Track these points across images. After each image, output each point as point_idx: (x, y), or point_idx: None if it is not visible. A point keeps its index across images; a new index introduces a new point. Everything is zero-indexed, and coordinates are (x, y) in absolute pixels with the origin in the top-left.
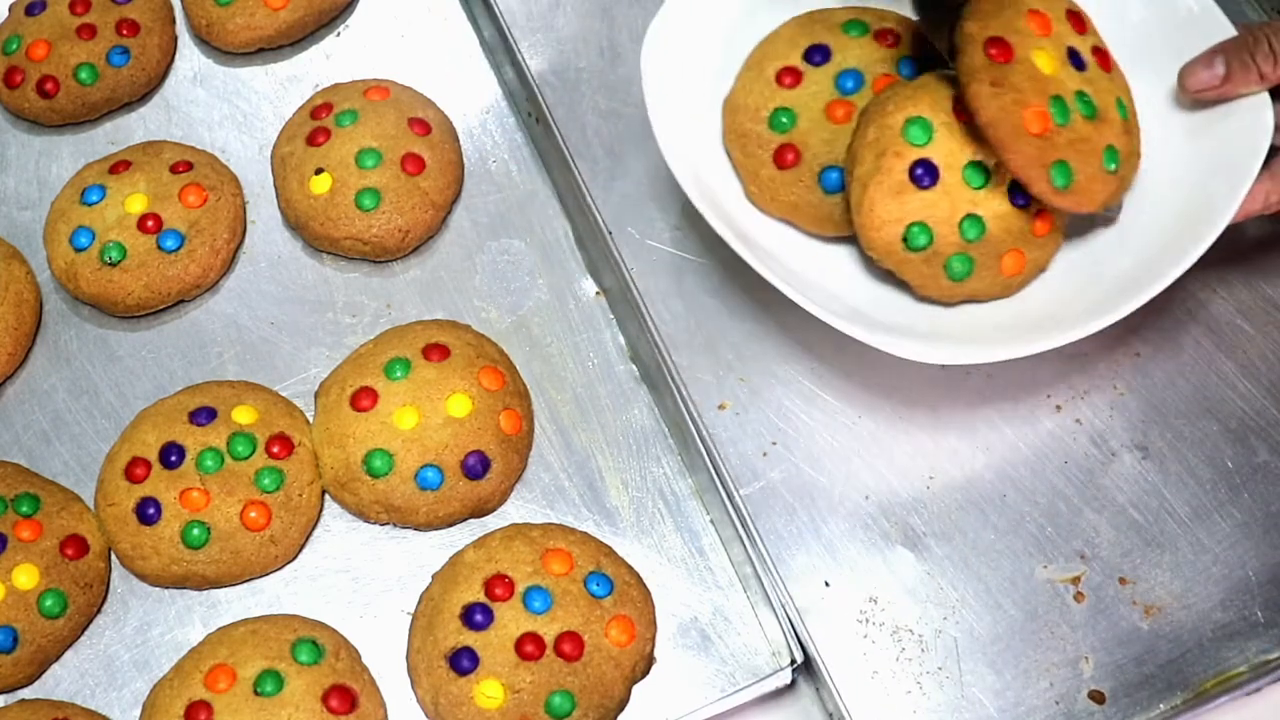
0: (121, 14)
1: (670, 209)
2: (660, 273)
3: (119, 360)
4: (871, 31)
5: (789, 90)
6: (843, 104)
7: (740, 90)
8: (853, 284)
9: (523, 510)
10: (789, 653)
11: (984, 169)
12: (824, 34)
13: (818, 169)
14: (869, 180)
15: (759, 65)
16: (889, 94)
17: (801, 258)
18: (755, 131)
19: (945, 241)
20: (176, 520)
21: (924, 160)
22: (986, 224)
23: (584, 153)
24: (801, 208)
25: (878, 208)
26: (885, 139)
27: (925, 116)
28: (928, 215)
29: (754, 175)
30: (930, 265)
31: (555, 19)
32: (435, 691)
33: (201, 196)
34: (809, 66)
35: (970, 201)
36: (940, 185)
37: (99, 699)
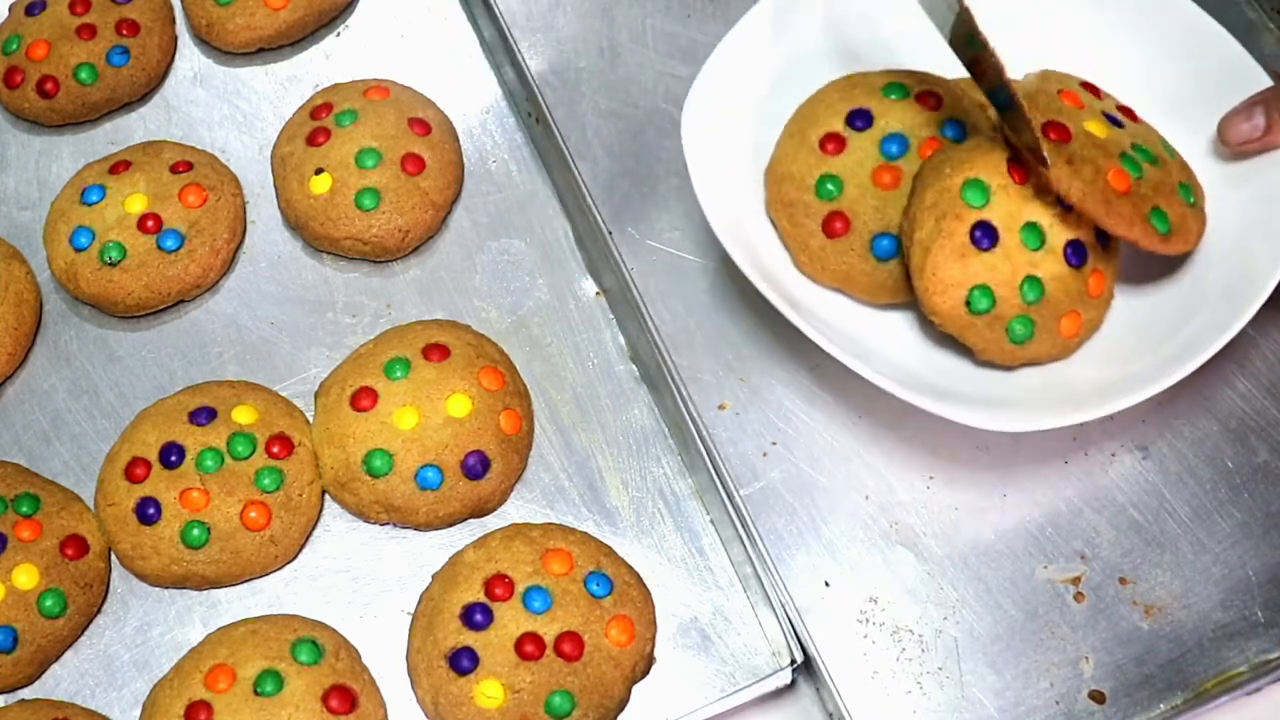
0: (121, 14)
1: (670, 209)
2: (660, 273)
3: (119, 360)
4: (912, 94)
5: (834, 157)
6: (889, 169)
7: (783, 158)
8: (910, 350)
9: (523, 510)
10: (789, 653)
11: (1040, 230)
12: (865, 98)
13: (869, 237)
14: (931, 244)
15: (801, 132)
16: (943, 157)
17: (856, 326)
18: (802, 200)
19: (1007, 304)
20: (176, 520)
21: (984, 222)
22: (1045, 285)
23: (584, 153)
24: (854, 276)
25: (941, 271)
26: (945, 202)
27: (982, 178)
28: (990, 278)
29: (803, 245)
30: (993, 329)
31: (555, 19)
32: (435, 691)
33: (201, 196)
34: (852, 132)
35: (1029, 263)
36: (1000, 247)
37: (99, 699)
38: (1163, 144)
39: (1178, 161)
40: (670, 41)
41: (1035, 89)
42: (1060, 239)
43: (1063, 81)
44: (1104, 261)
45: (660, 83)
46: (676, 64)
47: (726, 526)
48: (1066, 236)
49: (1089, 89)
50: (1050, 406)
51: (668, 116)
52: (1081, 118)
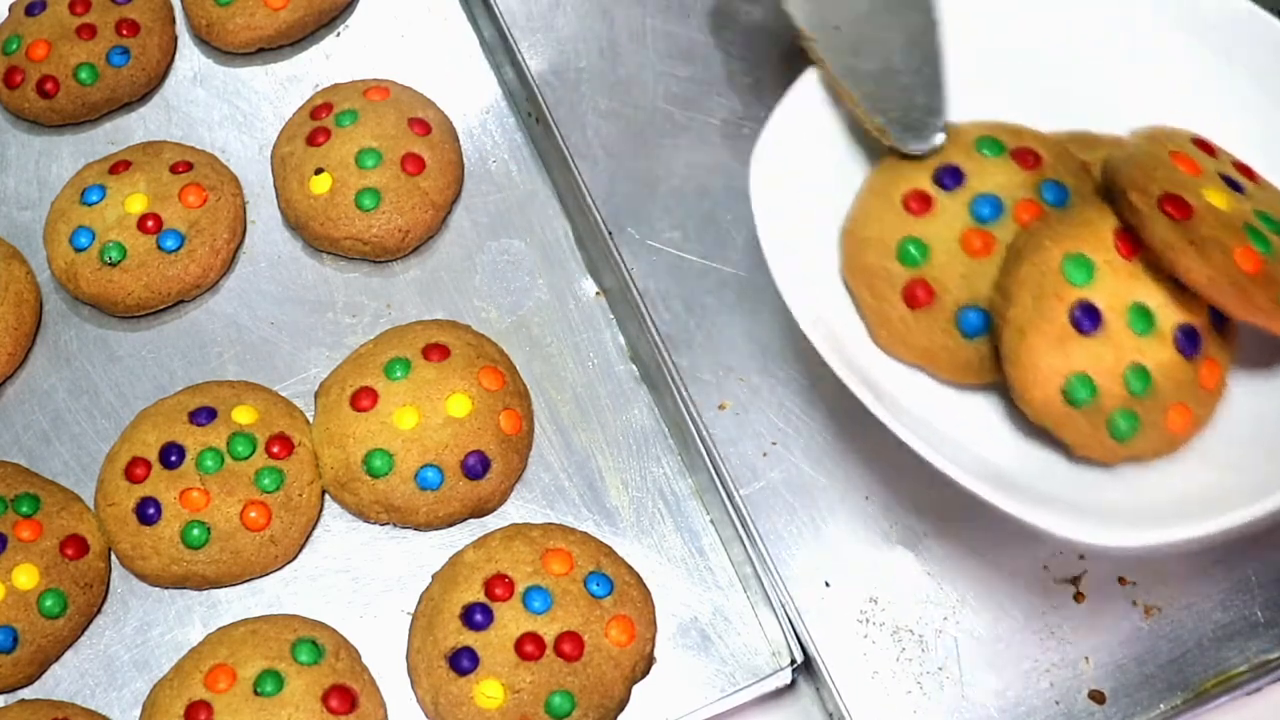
0: (121, 14)
1: (670, 209)
2: (660, 273)
3: (119, 360)
4: (1008, 150)
5: (919, 218)
6: (980, 234)
7: (863, 218)
8: (996, 438)
9: (523, 510)
10: (789, 653)
11: (1148, 312)
12: (955, 153)
13: (954, 310)
14: (1027, 326)
15: (883, 190)
16: (1044, 227)
17: (936, 408)
18: (883, 268)
19: (1109, 395)
20: (176, 520)
21: (1086, 303)
22: (1153, 375)
23: (584, 153)
24: (936, 353)
25: (1038, 358)
26: (1043, 278)
27: (1086, 253)
28: (1091, 366)
29: (883, 318)
30: (1092, 423)
31: (555, 19)
32: (435, 691)
33: (201, 196)
34: (940, 191)
35: (1135, 350)
36: (1104, 331)
37: (99, 699)
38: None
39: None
40: (670, 41)
41: (1146, 155)
42: (1171, 322)
43: (1174, 140)
44: (1219, 348)
45: (660, 83)
46: (677, 64)
47: (726, 526)
48: (1178, 319)
49: (1202, 147)
50: (1157, 517)
51: (668, 117)
52: (1200, 185)
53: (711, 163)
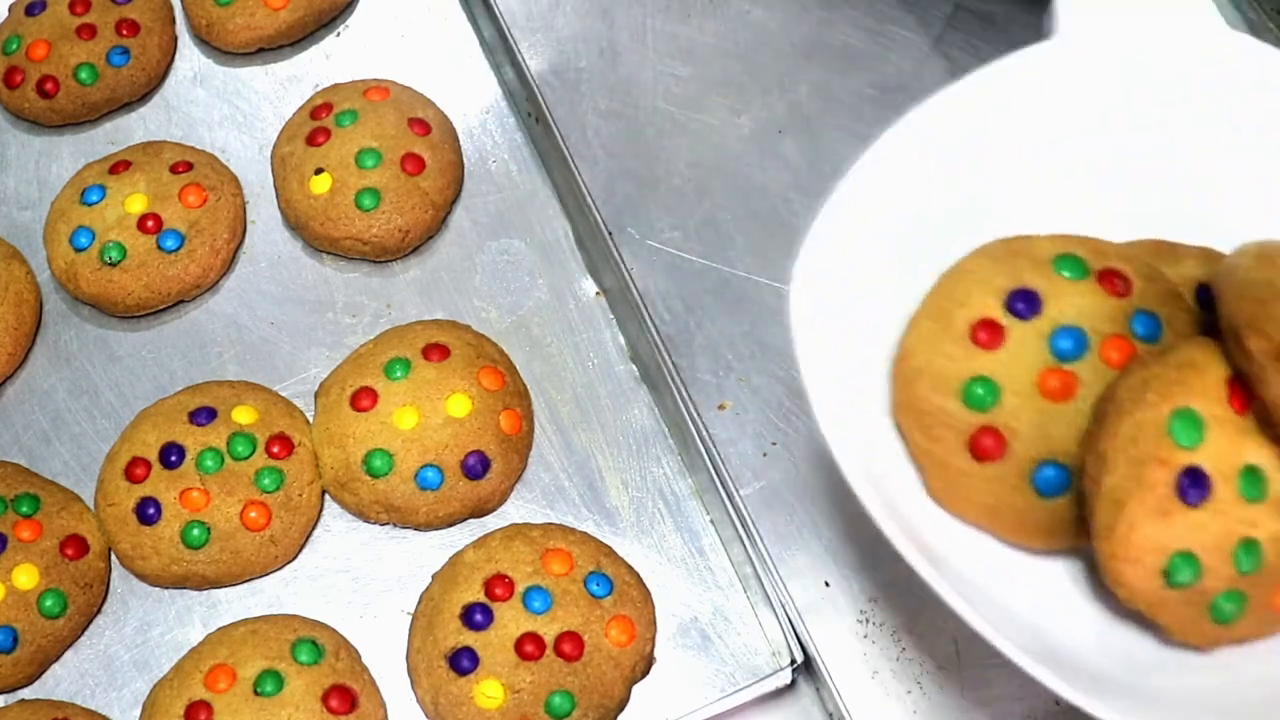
0: (121, 14)
1: (670, 209)
2: (660, 273)
3: (119, 360)
4: (1093, 272)
5: (988, 352)
6: (1059, 373)
7: (919, 347)
8: (1074, 615)
9: (523, 510)
10: (789, 653)
11: (1260, 476)
12: (1030, 273)
13: (1028, 463)
14: (1126, 497)
15: (944, 314)
16: (1146, 375)
17: (1003, 577)
18: (943, 409)
19: (1214, 575)
20: (176, 520)
21: (1194, 468)
22: (1264, 550)
23: (584, 153)
24: (1003, 512)
25: (1138, 533)
26: (1146, 441)
27: (1196, 408)
28: (1197, 542)
29: (941, 466)
30: (1191, 605)
31: (555, 19)
32: (435, 691)
33: (201, 196)
34: (1013, 319)
35: (1246, 521)
36: (1212, 501)
37: (99, 699)
38: None
39: None
40: (670, 42)
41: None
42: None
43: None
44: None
45: (660, 83)
46: (677, 64)
47: (726, 526)
48: None
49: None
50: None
51: (668, 117)
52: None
53: (711, 163)
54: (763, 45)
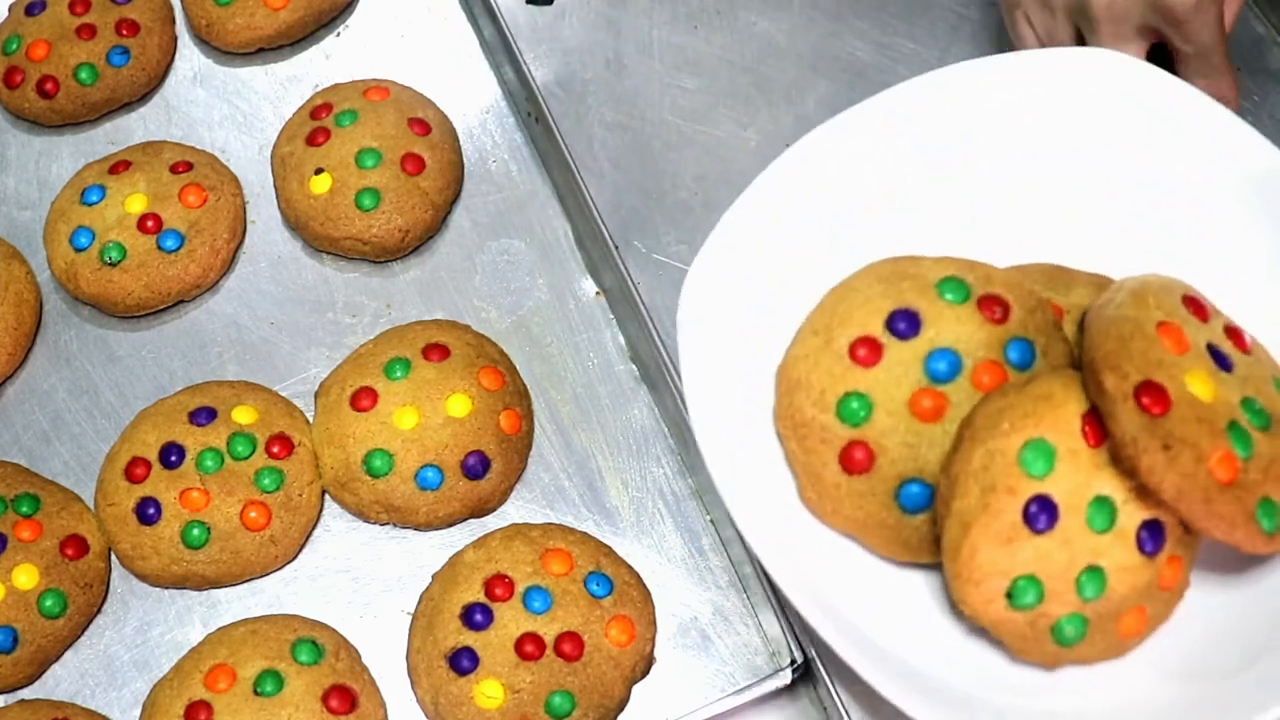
0: (121, 14)
1: (677, 222)
2: (667, 287)
3: (119, 360)
4: (974, 297)
5: (865, 369)
6: (931, 394)
7: (801, 361)
8: (927, 626)
9: (523, 510)
10: (789, 653)
11: (1110, 507)
12: (913, 295)
13: (895, 480)
14: (972, 520)
15: (827, 330)
16: (1003, 405)
17: (865, 586)
18: (819, 421)
19: (1057, 600)
20: (176, 520)
21: (1042, 497)
22: (1108, 578)
23: (590, 165)
24: (871, 526)
25: (980, 557)
26: (996, 469)
27: (1048, 439)
28: (1040, 568)
29: (815, 477)
30: (1034, 627)
31: (561, 30)
32: (435, 691)
33: (201, 196)
34: (892, 339)
35: (1092, 550)
36: (1059, 529)
37: (99, 699)
38: (1275, 383)
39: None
40: (677, 53)
41: (1129, 324)
42: (1134, 519)
43: (1163, 301)
44: (1183, 545)
45: (667, 95)
46: (683, 76)
47: (726, 526)
48: (1142, 516)
49: (1193, 306)
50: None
51: (674, 129)
52: (1184, 368)
53: (719, 176)
54: (770, 58)
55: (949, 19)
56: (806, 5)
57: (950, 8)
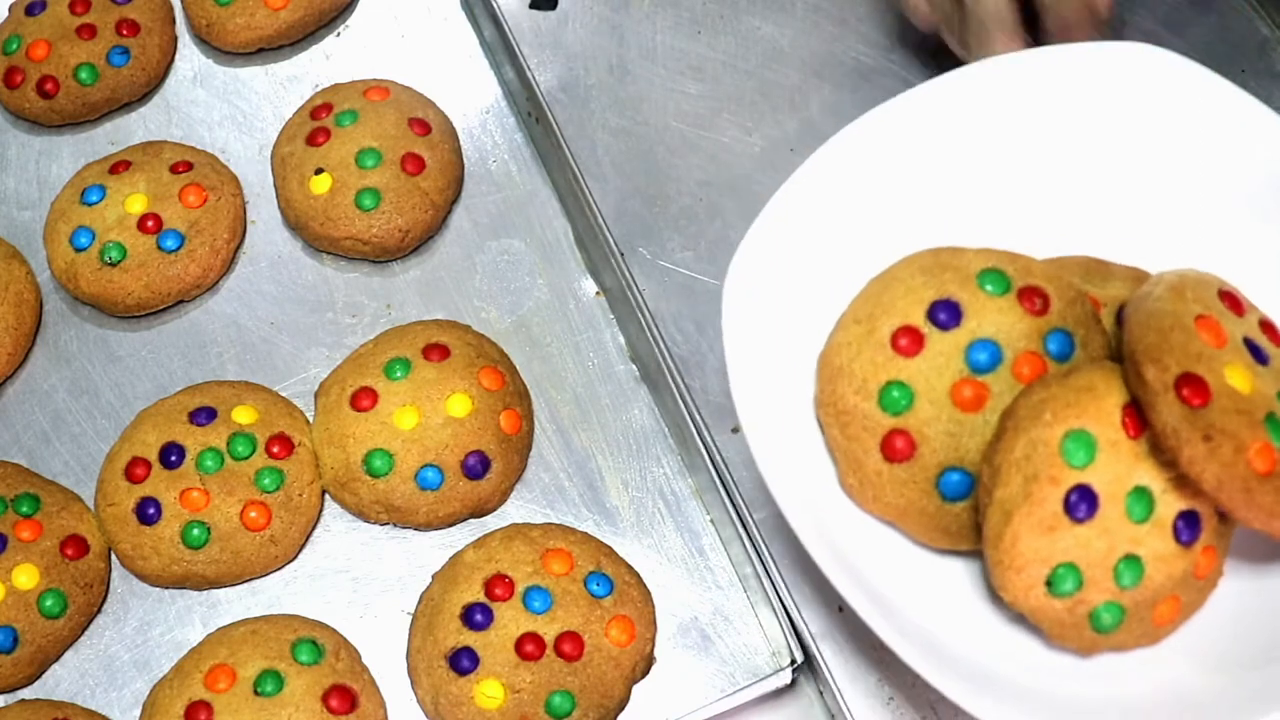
0: (121, 14)
1: (682, 229)
2: (673, 295)
3: (119, 360)
4: (1015, 289)
5: (907, 359)
6: (973, 384)
7: (844, 349)
8: (967, 612)
9: (523, 510)
10: (789, 653)
11: (1149, 497)
12: (954, 286)
13: (936, 469)
14: (1014, 509)
15: (869, 319)
16: (1045, 395)
17: (904, 572)
18: (861, 409)
19: (1096, 587)
20: (176, 520)
21: (1083, 487)
22: (1145, 567)
23: (594, 170)
24: (911, 513)
25: (1022, 544)
26: (1039, 458)
27: (1089, 430)
28: (1080, 556)
29: (855, 464)
30: (1073, 614)
31: (564, 35)
32: (435, 691)
33: (201, 196)
34: (933, 329)
35: (1131, 539)
36: (1099, 518)
37: (99, 699)
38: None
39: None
40: (681, 58)
41: (1168, 317)
42: (1172, 510)
43: (1200, 295)
44: (1218, 535)
45: (671, 100)
46: (687, 81)
47: (726, 526)
48: (1180, 507)
49: (1229, 300)
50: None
51: (679, 134)
52: (1223, 361)
53: (724, 182)
54: (774, 62)
55: None
56: (810, 9)
57: None
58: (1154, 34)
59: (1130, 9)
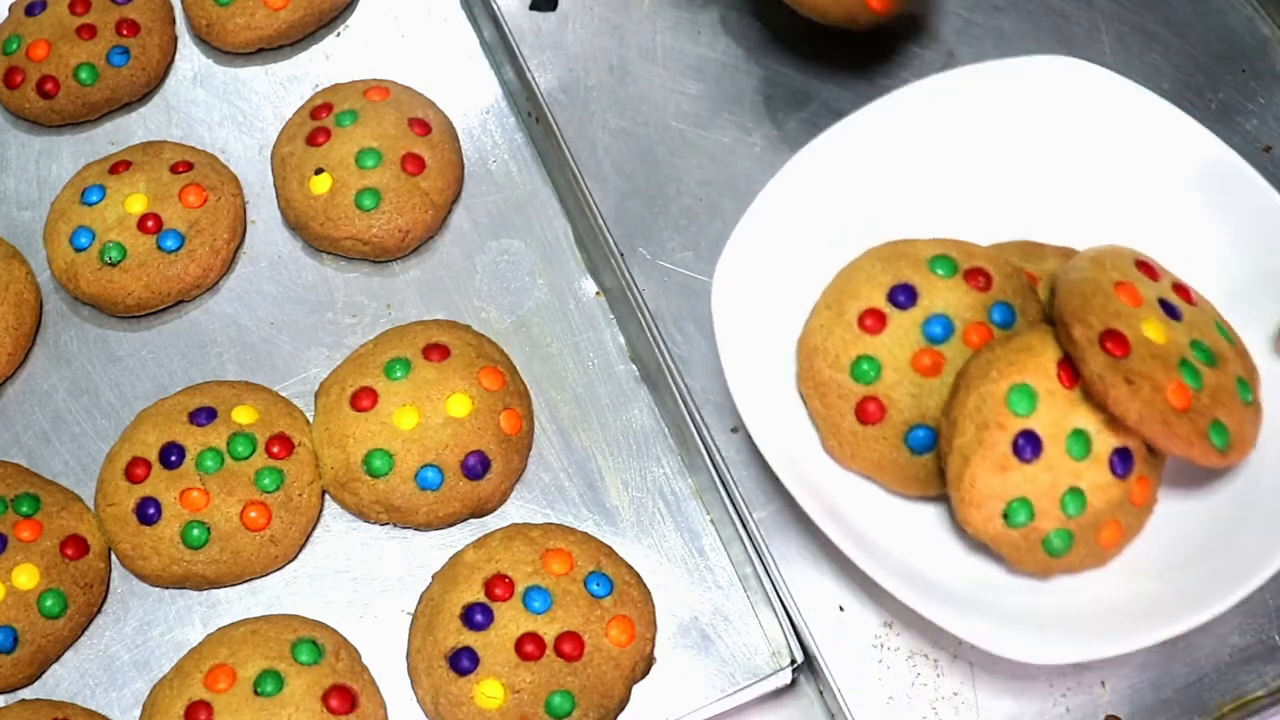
0: (121, 14)
1: (682, 229)
2: (673, 295)
3: (119, 360)
4: (961, 270)
5: (873, 336)
6: (930, 353)
7: (818, 331)
8: (938, 548)
9: (523, 510)
10: (789, 653)
11: (1086, 437)
12: (909, 271)
13: (903, 427)
14: (971, 454)
15: (838, 304)
16: (990, 357)
17: (882, 518)
18: (836, 380)
19: (1046, 517)
20: (176, 520)
21: (1028, 432)
22: (1088, 497)
23: (594, 171)
24: (885, 466)
25: (979, 484)
26: (988, 409)
27: (1030, 383)
28: (1030, 490)
29: (834, 428)
30: (1028, 541)
31: (564, 36)
32: (435, 691)
33: (201, 196)
34: (894, 309)
35: (1073, 474)
36: (1043, 458)
37: (99, 699)
38: (1218, 328)
39: (1235, 349)
40: (680, 59)
41: (1091, 284)
42: (1106, 446)
43: (1118, 264)
44: (1150, 467)
45: (671, 100)
46: (687, 82)
47: (726, 526)
48: (1113, 444)
49: (1145, 269)
50: (1088, 626)
51: (679, 135)
52: (1139, 318)
53: (723, 182)
54: (773, 63)
55: (954, 23)
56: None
57: (954, 11)
58: (1154, 34)
59: (1131, 9)
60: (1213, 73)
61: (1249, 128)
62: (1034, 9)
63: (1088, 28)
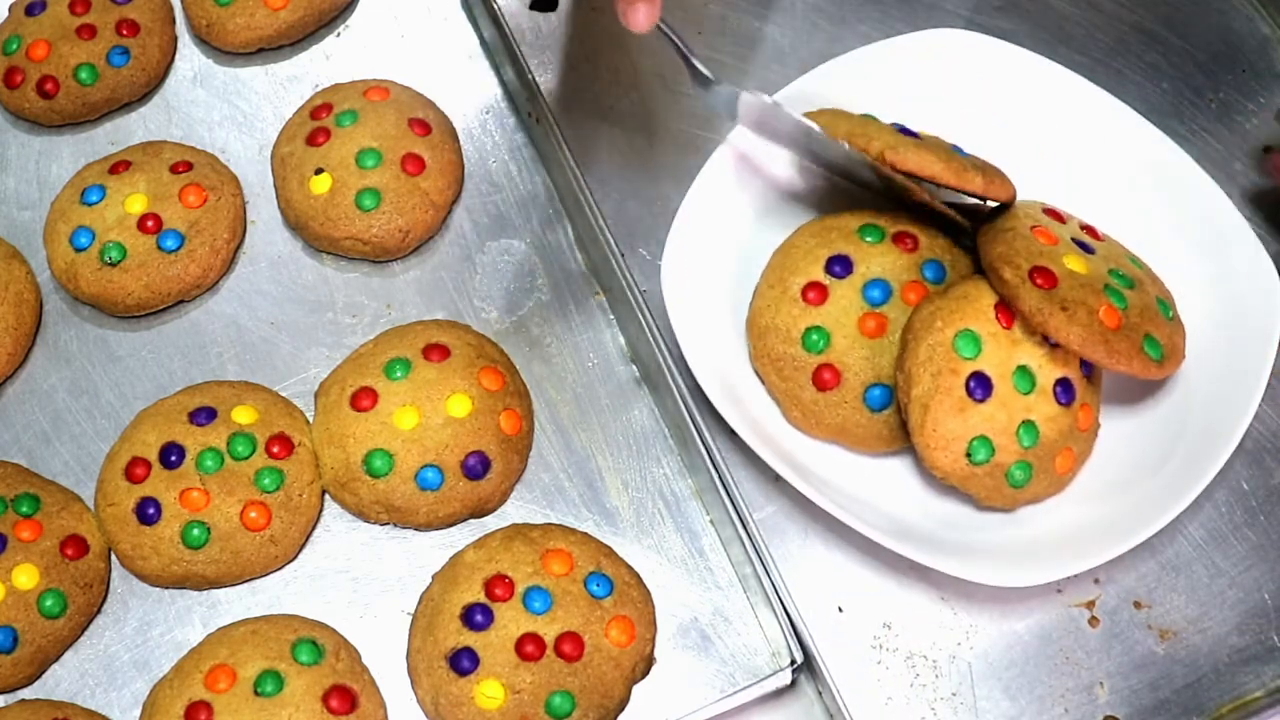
0: (121, 14)
1: None
2: None
3: (119, 360)
4: (889, 235)
5: (817, 307)
6: (874, 316)
7: (765, 309)
8: (910, 498)
9: (523, 510)
10: (789, 653)
11: (1030, 373)
12: (841, 243)
13: (861, 388)
14: (929, 400)
15: (781, 281)
16: (933, 309)
17: (854, 478)
18: (789, 354)
19: (1005, 451)
20: (176, 520)
21: (978, 373)
22: (1040, 428)
23: (595, 172)
24: (849, 429)
25: (941, 427)
26: (939, 356)
27: (973, 328)
28: (988, 428)
29: (795, 400)
30: (993, 477)
31: (564, 36)
32: (435, 692)
33: (201, 196)
34: (833, 279)
35: (1024, 408)
36: (995, 396)
37: (99, 699)
38: (1129, 258)
39: (1147, 273)
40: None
41: (1011, 231)
42: (1049, 379)
43: (1030, 213)
44: (1090, 393)
45: (671, 100)
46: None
47: (726, 526)
48: (1055, 375)
49: (1053, 215)
50: (1054, 555)
51: (679, 135)
52: (1059, 254)
53: None
54: (774, 62)
55: (954, 23)
56: (810, 9)
57: (955, 11)
58: (1154, 33)
59: (1131, 9)
60: (1213, 73)
61: (1249, 128)
62: (1034, 9)
63: (1088, 28)
